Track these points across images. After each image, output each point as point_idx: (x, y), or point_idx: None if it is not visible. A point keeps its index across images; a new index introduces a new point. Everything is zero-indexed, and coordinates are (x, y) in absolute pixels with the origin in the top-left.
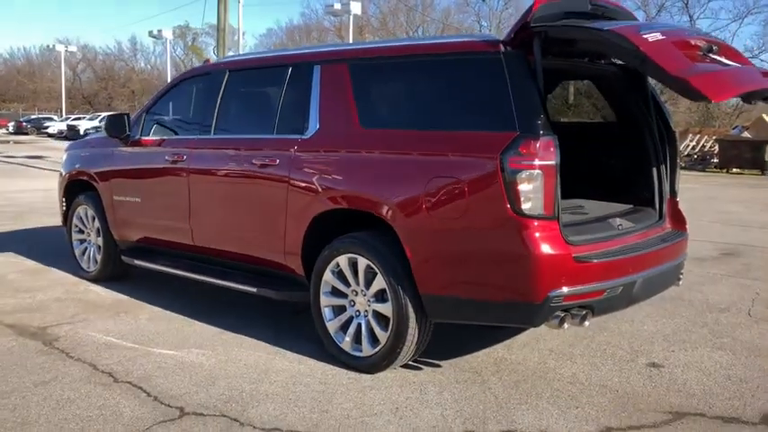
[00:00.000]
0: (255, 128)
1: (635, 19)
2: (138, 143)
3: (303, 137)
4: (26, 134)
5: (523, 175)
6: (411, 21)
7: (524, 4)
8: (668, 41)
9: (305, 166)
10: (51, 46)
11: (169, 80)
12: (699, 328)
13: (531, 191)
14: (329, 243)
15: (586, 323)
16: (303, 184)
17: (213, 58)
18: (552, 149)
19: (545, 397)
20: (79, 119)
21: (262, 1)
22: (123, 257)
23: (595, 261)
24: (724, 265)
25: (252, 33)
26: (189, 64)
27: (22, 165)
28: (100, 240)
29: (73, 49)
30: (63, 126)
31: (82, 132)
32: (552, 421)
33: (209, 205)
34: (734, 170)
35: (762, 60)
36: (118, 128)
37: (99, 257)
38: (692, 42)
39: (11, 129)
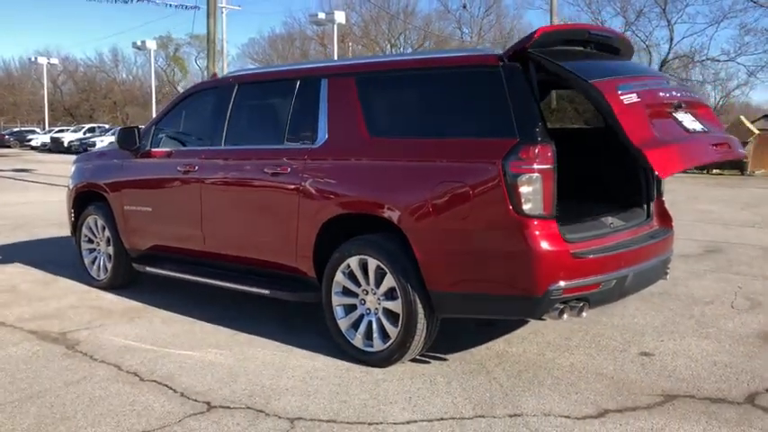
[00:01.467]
0: (265, 138)
1: (631, 49)
2: (148, 155)
3: (313, 146)
4: (9, 147)
5: (524, 178)
6: (393, 29)
7: (505, 12)
8: (641, 105)
9: (315, 174)
10: (33, 59)
11: (152, 90)
12: (686, 320)
13: (531, 192)
14: (339, 246)
15: (584, 314)
16: (314, 191)
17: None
18: (550, 154)
19: (546, 384)
20: (63, 131)
21: (244, 11)
22: (134, 265)
23: (591, 257)
24: (707, 261)
25: (234, 43)
26: (171, 74)
27: (11, 178)
28: (110, 249)
29: (54, 61)
30: (47, 138)
31: (66, 145)
32: (554, 405)
33: (221, 212)
34: (714, 171)
35: (739, 63)
36: (129, 140)
37: (109, 266)
38: (665, 101)
39: None
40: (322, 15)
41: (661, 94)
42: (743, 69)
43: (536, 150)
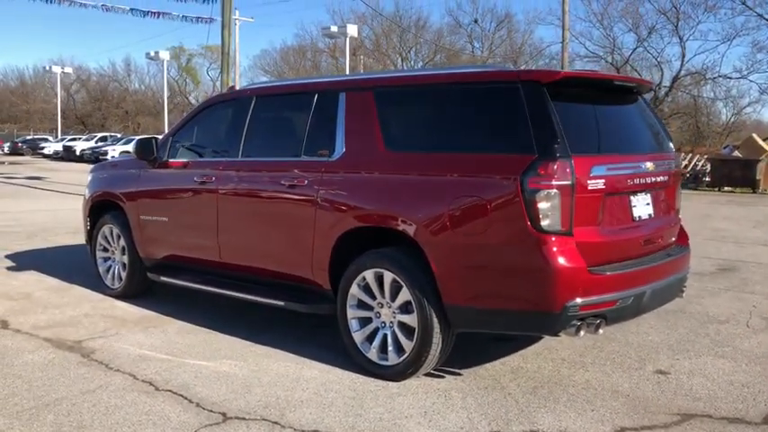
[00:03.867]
0: (283, 151)
1: (652, 90)
2: (165, 165)
3: (330, 159)
4: (21, 155)
5: (542, 194)
6: (404, 42)
7: (516, 27)
8: (600, 193)
9: (332, 187)
10: (47, 67)
11: (164, 101)
12: (701, 339)
13: (549, 208)
14: (355, 259)
15: (600, 331)
16: (330, 204)
17: (231, 83)
18: (568, 170)
19: (562, 401)
20: (75, 140)
21: (255, 23)
22: (149, 274)
23: (608, 273)
24: (722, 279)
25: (246, 54)
26: (183, 85)
27: (24, 186)
28: (125, 258)
29: (68, 69)
30: (59, 147)
31: (78, 153)
32: (570, 422)
33: (237, 223)
34: (726, 188)
35: (751, 81)
36: (146, 151)
37: (124, 274)
38: (631, 186)
39: (6, 149)
40: (334, 28)
41: (630, 181)
42: (755, 87)
43: (555, 166)
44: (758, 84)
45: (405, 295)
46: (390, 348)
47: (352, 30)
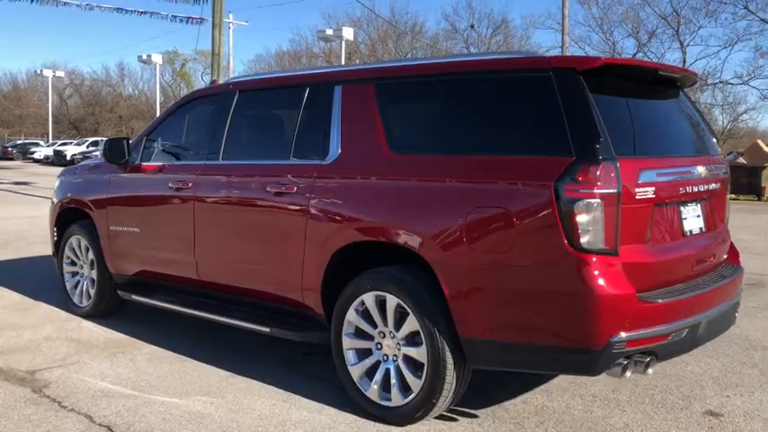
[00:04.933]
0: (269, 153)
1: (695, 82)
2: (138, 169)
3: (323, 162)
4: (12, 159)
5: (581, 204)
6: (400, 47)
7: (513, 32)
8: (649, 204)
9: (326, 195)
10: (39, 71)
11: (157, 105)
12: (748, 369)
13: (591, 222)
14: (352, 279)
15: (650, 371)
16: (324, 214)
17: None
18: (613, 176)
19: None
20: (66, 144)
21: (250, 27)
22: (119, 292)
23: (660, 301)
24: (753, 297)
25: (240, 59)
26: (177, 89)
27: (9, 191)
28: (94, 273)
29: (60, 74)
30: (49, 151)
31: (69, 158)
32: None
33: (216, 236)
34: (730, 196)
35: (752, 87)
36: (117, 153)
37: (93, 292)
38: (682, 195)
39: None
40: (330, 32)
41: (681, 189)
42: (753, 93)
43: (597, 171)
44: (759, 90)
45: (412, 324)
46: (394, 386)
47: (348, 33)
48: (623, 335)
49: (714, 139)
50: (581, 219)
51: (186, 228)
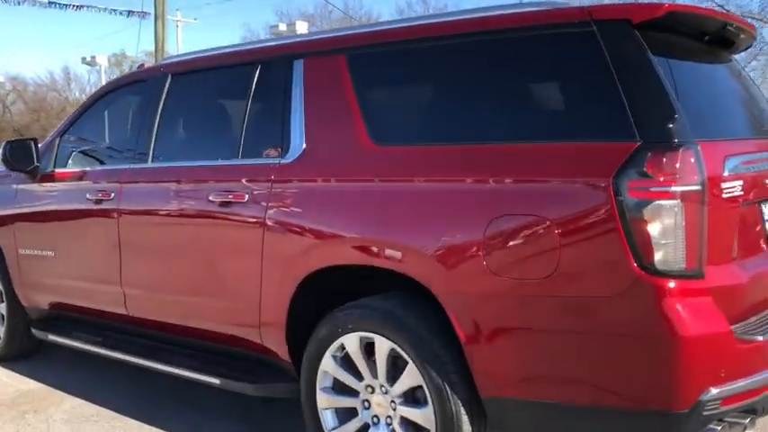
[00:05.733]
0: (211, 152)
1: (754, 38)
2: (50, 177)
3: (283, 161)
4: None
5: (653, 207)
6: None
7: None
8: (737, 203)
9: (288, 203)
10: None
11: None
12: None
13: (667, 233)
14: (328, 315)
15: None
16: (286, 229)
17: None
18: (695, 166)
19: None
20: None
21: (199, 24)
22: (34, 330)
23: (761, 339)
24: None
25: None
26: None
27: None
28: (2, 307)
29: (0, 79)
30: None
31: None
32: None
33: (147, 261)
34: None
35: None
36: (21, 158)
37: (2, 330)
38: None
39: None
40: (283, 27)
41: (766, 181)
42: None
43: (674, 160)
44: None
45: (412, 376)
46: None
47: (302, 27)
48: (716, 390)
49: None
50: (653, 228)
51: (110, 251)
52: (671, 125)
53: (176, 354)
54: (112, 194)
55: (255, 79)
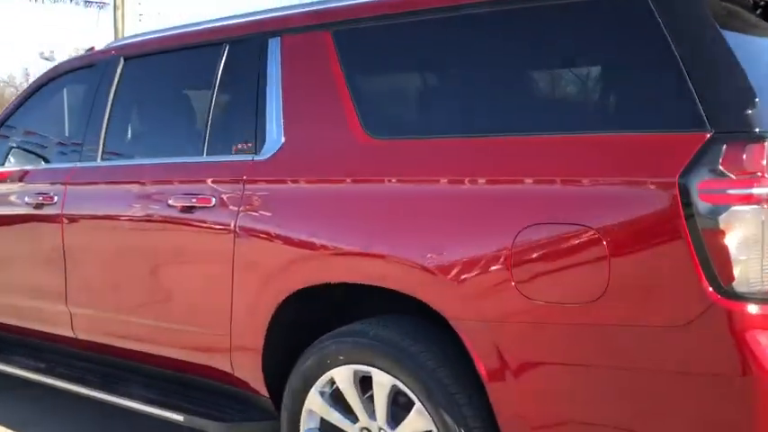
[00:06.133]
0: (171, 148)
1: None
2: None
3: (257, 158)
4: None
5: (731, 214)
6: None
7: None
8: None
9: (263, 208)
10: None
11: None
12: None
13: (749, 246)
14: (314, 343)
15: None
16: (263, 240)
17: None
18: None
19: None
20: None
21: (164, 17)
22: None
23: None
24: None
25: None
26: None
27: None
28: None
29: None
30: None
31: None
32: None
33: (96, 277)
34: None
35: None
36: None
37: None
38: None
39: None
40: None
41: None
42: None
43: (756, 155)
44: None
45: (419, 420)
46: None
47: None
48: None
49: None
50: (731, 240)
51: (53, 264)
52: (750, 111)
53: (133, 383)
54: (56, 198)
55: (223, 62)
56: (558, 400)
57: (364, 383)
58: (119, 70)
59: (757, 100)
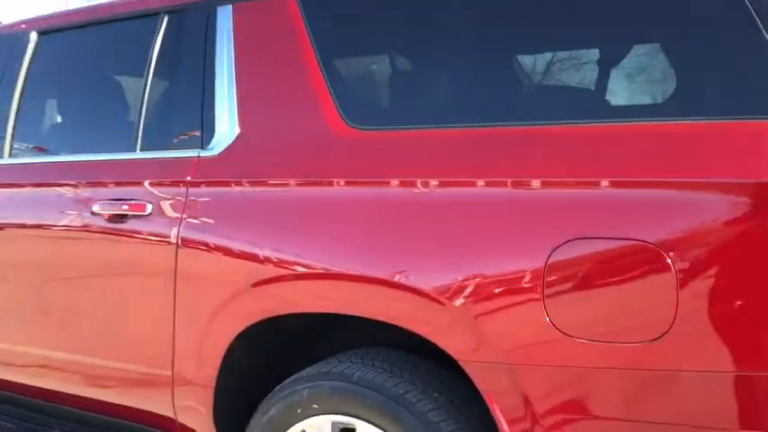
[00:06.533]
0: (95, 142)
1: None
2: None
3: (204, 154)
4: None
5: None
6: None
7: None
8: None
9: (212, 216)
10: None
11: None
12: None
13: None
14: (281, 385)
15: None
16: (213, 256)
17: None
18: None
19: None
20: None
21: None
22: None
23: None
24: None
25: None
26: None
27: None
28: None
29: None
30: None
31: None
32: None
33: (8, 300)
34: None
35: None
36: None
37: None
38: None
39: None
40: None
41: None
42: None
43: None
44: None
45: None
46: None
47: None
48: None
49: None
50: None
51: None
52: None
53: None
54: None
55: (160, 36)
56: None
57: None
58: (30, 48)
59: None
